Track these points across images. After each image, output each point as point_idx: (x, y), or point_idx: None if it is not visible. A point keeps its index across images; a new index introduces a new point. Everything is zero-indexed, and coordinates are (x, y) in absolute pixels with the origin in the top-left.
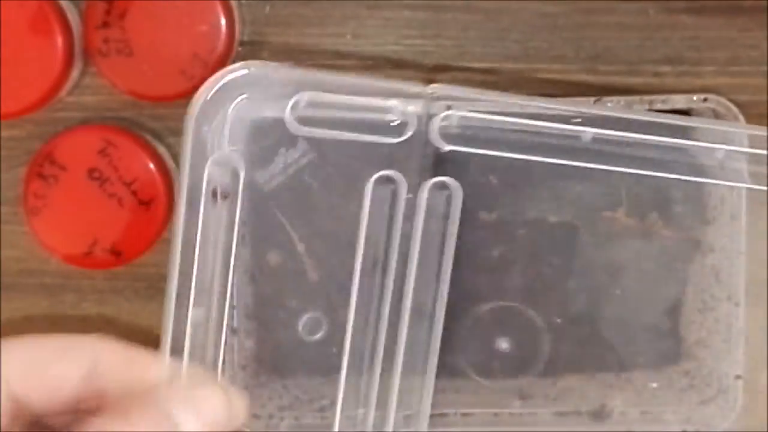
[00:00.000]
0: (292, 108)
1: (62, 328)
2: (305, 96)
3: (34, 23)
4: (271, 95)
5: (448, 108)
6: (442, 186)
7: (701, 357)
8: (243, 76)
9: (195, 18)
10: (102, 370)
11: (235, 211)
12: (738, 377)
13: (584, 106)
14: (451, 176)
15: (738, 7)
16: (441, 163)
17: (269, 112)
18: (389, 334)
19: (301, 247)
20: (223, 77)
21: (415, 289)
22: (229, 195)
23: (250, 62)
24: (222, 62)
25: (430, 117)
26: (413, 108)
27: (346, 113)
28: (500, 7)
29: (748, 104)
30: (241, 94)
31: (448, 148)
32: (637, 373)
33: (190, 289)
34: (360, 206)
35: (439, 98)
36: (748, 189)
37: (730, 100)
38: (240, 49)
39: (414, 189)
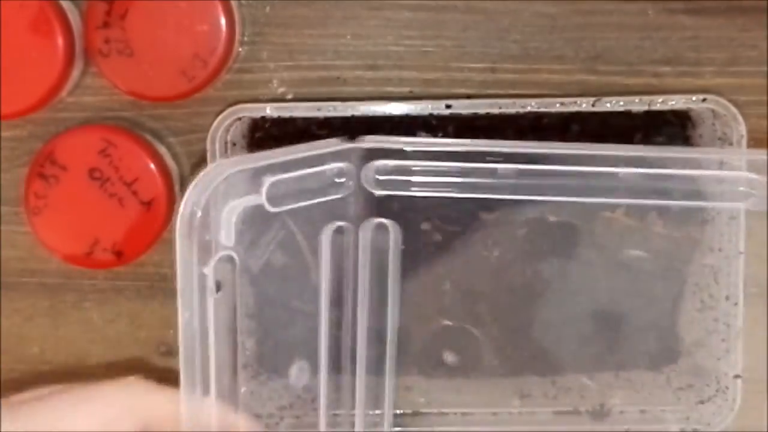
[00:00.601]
0: (266, 193)
1: (63, 327)
2: (269, 180)
3: (35, 24)
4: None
5: (374, 158)
6: (382, 225)
7: (700, 356)
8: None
9: (195, 18)
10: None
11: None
12: (737, 376)
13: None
14: (391, 217)
15: (737, 7)
16: (384, 204)
17: (240, 202)
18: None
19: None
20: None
21: (369, 311)
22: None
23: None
24: (222, 63)
25: (360, 169)
26: (348, 164)
27: (298, 183)
28: (500, 7)
29: (747, 104)
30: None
31: (379, 193)
32: (636, 373)
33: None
34: (321, 253)
35: (368, 150)
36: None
37: (730, 101)
38: (240, 49)
39: (357, 230)
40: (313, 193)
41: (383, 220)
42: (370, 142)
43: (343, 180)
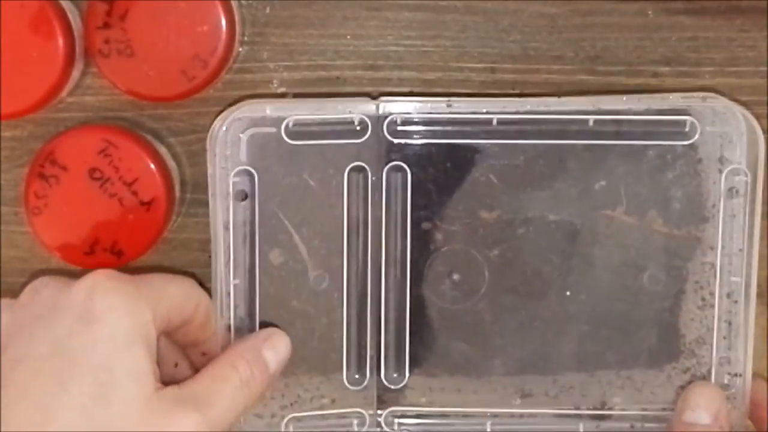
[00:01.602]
0: (285, 128)
1: None
2: (292, 119)
3: (36, 24)
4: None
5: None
6: (399, 168)
7: (701, 355)
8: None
9: (196, 19)
10: (199, 312)
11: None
12: (738, 375)
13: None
14: (404, 161)
15: (736, 7)
16: (397, 152)
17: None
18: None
19: (300, 244)
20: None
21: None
22: (247, 196)
23: (248, 102)
24: (222, 63)
25: (380, 120)
26: (370, 115)
27: (322, 126)
28: (500, 7)
29: (747, 104)
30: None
31: (396, 141)
32: (637, 371)
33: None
34: (341, 190)
35: (386, 106)
36: (747, 186)
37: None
38: (240, 49)
39: (378, 172)
40: (333, 135)
41: (401, 163)
42: (390, 101)
43: (362, 127)
